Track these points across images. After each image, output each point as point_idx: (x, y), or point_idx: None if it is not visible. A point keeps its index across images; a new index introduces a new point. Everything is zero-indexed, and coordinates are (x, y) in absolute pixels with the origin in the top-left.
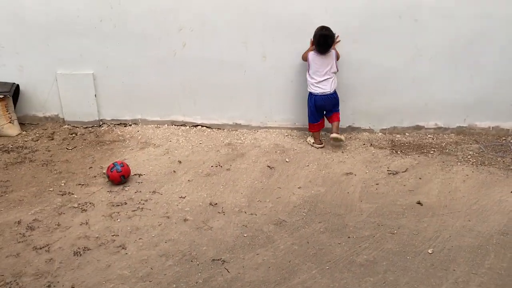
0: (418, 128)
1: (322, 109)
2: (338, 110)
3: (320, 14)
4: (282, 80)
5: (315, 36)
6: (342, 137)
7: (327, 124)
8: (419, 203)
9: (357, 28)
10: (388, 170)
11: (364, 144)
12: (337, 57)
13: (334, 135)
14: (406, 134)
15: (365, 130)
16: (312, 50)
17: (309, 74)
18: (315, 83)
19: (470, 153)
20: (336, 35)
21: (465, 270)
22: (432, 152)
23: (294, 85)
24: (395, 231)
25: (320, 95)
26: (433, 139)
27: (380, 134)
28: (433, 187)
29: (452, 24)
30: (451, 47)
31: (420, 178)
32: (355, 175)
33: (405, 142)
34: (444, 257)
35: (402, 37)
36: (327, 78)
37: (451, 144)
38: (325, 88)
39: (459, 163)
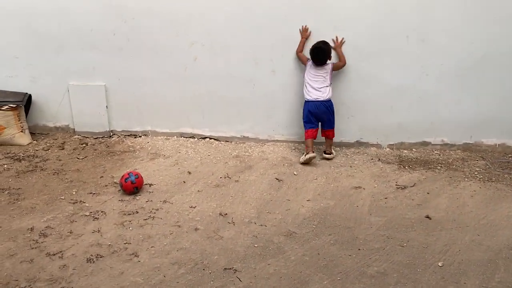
0: (425, 144)
1: (315, 116)
2: (332, 127)
3: (329, 32)
4: (290, 95)
5: (311, 48)
6: (331, 156)
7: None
8: (427, 217)
9: (366, 47)
10: (396, 185)
11: (372, 159)
12: (339, 67)
13: (324, 155)
14: (413, 149)
15: (372, 145)
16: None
17: (305, 80)
18: (309, 90)
19: (477, 169)
20: (341, 39)
21: (475, 283)
22: (439, 167)
23: (302, 100)
24: (405, 244)
25: (314, 101)
26: (439, 155)
27: (387, 149)
28: (441, 202)
29: (458, 44)
30: (457, 67)
31: (428, 193)
32: (364, 189)
33: (412, 158)
34: (455, 271)
35: (409, 56)
36: (321, 87)
37: (458, 160)
38: (319, 95)
39: (466, 179)
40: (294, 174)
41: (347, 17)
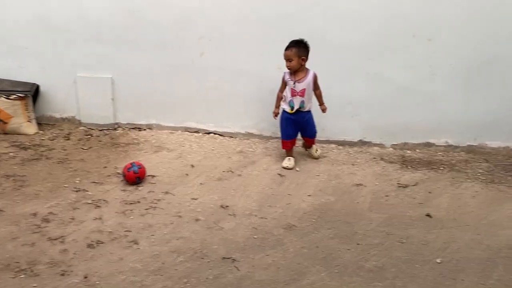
0: (428, 145)
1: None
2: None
3: (336, 30)
4: None
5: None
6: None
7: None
8: (428, 215)
9: (372, 45)
10: (398, 183)
11: (374, 158)
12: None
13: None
14: (417, 150)
15: (376, 144)
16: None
17: None
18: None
19: (480, 171)
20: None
21: (473, 280)
22: (442, 168)
23: None
24: (404, 241)
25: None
26: (443, 156)
27: (391, 149)
28: (442, 201)
29: (466, 44)
30: (464, 67)
31: (429, 192)
32: (365, 186)
33: (415, 158)
34: (453, 267)
35: (416, 55)
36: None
37: (461, 162)
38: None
39: (468, 180)
40: (297, 170)
41: (354, 15)
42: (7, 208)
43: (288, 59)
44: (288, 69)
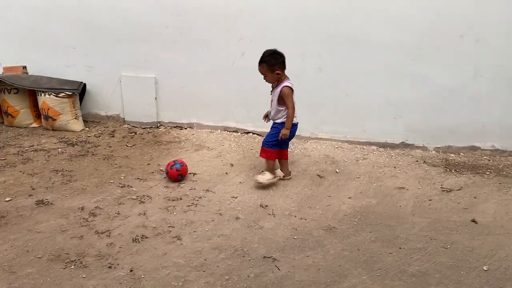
0: (473, 148)
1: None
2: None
3: (379, 29)
4: (336, 92)
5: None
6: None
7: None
8: (473, 221)
9: (416, 46)
10: (441, 188)
11: (417, 161)
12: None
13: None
14: (461, 154)
15: (418, 147)
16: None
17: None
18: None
19: None
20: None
21: None
22: (488, 173)
23: (349, 98)
24: (448, 246)
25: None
26: (489, 160)
27: (433, 152)
28: (488, 207)
29: None
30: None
31: (475, 197)
32: (407, 189)
33: (459, 162)
34: (500, 275)
35: (462, 56)
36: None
37: (509, 166)
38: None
39: None
40: (336, 172)
41: (398, 15)
42: (56, 202)
43: (262, 74)
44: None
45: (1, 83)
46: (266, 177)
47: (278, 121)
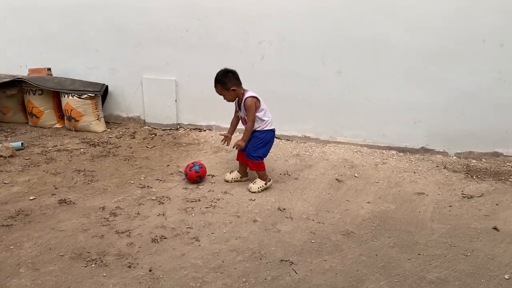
0: (496, 154)
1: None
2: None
3: (400, 34)
4: (355, 96)
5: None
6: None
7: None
8: (495, 228)
9: (438, 50)
10: (462, 194)
11: (437, 166)
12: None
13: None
14: (483, 160)
15: (439, 152)
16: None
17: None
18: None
19: None
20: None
21: None
22: (511, 180)
23: (369, 102)
24: (469, 254)
25: None
26: None
27: (454, 157)
28: (511, 214)
29: None
30: None
31: (497, 204)
32: (427, 195)
33: (481, 168)
34: None
35: (485, 61)
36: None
37: None
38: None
39: None
40: (355, 176)
41: (420, 19)
42: (78, 201)
43: (220, 95)
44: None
45: (26, 84)
46: (257, 186)
47: (258, 128)
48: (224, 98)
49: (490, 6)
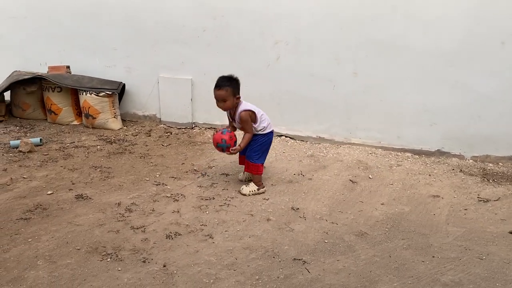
0: None
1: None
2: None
3: (416, 34)
4: (370, 97)
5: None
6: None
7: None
8: (511, 233)
9: (455, 51)
10: (478, 197)
11: (453, 169)
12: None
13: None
14: (500, 164)
15: (454, 155)
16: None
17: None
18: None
19: None
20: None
21: None
22: None
23: (384, 104)
24: (484, 257)
25: None
26: None
27: (471, 161)
28: None
29: None
30: None
31: None
32: (442, 198)
33: (498, 172)
34: None
35: (503, 63)
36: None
37: None
38: None
39: None
40: (369, 178)
41: (437, 21)
42: (95, 197)
43: (222, 99)
44: (222, 109)
45: (46, 81)
46: (249, 189)
47: (257, 133)
48: (223, 105)
49: (509, 7)
